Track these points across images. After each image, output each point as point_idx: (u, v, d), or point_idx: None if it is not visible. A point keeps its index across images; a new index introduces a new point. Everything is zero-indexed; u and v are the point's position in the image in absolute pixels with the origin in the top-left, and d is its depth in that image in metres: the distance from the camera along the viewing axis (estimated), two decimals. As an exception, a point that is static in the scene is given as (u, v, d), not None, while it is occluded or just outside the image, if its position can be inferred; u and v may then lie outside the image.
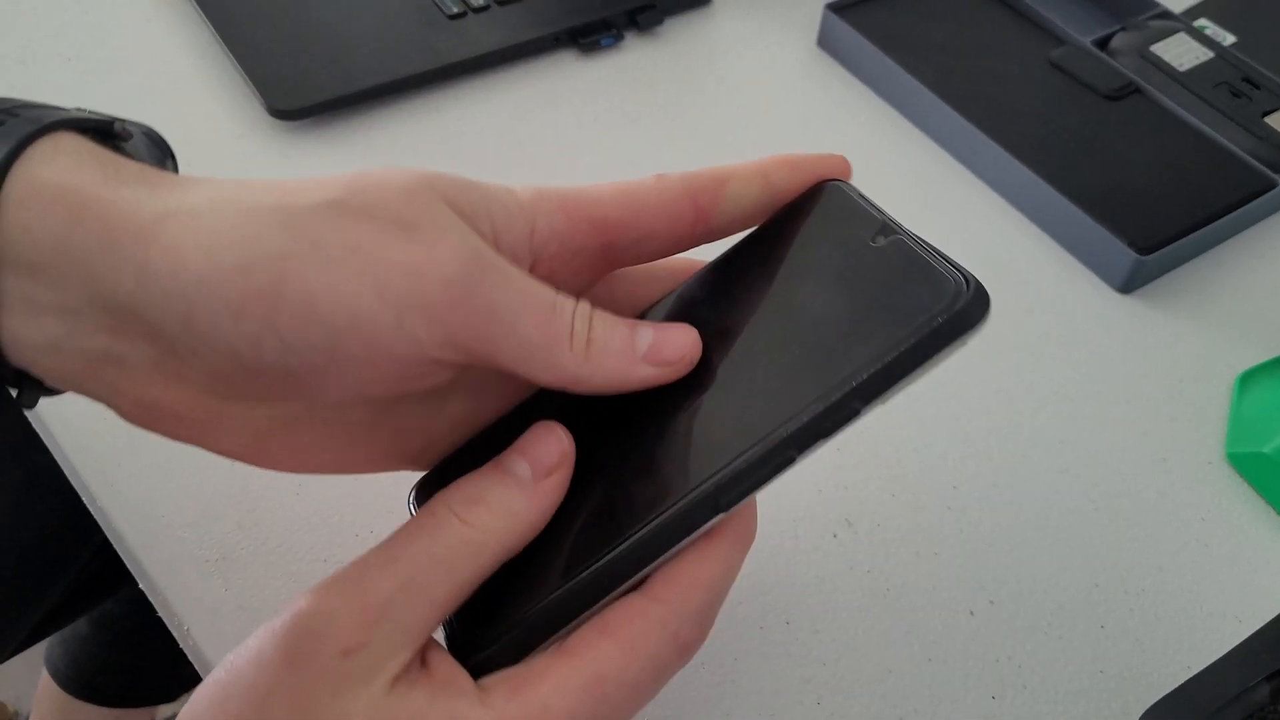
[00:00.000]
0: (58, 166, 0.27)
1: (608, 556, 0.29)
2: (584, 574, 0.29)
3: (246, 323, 0.27)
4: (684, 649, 0.29)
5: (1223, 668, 0.34)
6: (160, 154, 0.34)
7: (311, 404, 0.31)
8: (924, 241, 0.30)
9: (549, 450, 0.30)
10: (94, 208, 0.27)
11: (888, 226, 0.30)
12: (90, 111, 0.31)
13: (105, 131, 0.30)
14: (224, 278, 0.27)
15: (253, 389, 0.29)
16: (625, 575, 0.29)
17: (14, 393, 0.31)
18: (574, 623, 0.29)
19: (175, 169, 0.35)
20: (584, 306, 0.30)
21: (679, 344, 0.31)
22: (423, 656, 0.29)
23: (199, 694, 0.28)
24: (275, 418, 0.30)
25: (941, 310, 0.28)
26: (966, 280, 0.28)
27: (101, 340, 0.28)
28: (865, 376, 0.27)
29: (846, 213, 0.31)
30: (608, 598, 0.29)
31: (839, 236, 0.31)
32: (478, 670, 0.29)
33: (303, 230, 0.27)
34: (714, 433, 0.29)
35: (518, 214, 0.31)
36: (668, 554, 0.29)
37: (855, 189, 0.32)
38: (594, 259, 0.32)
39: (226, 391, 0.29)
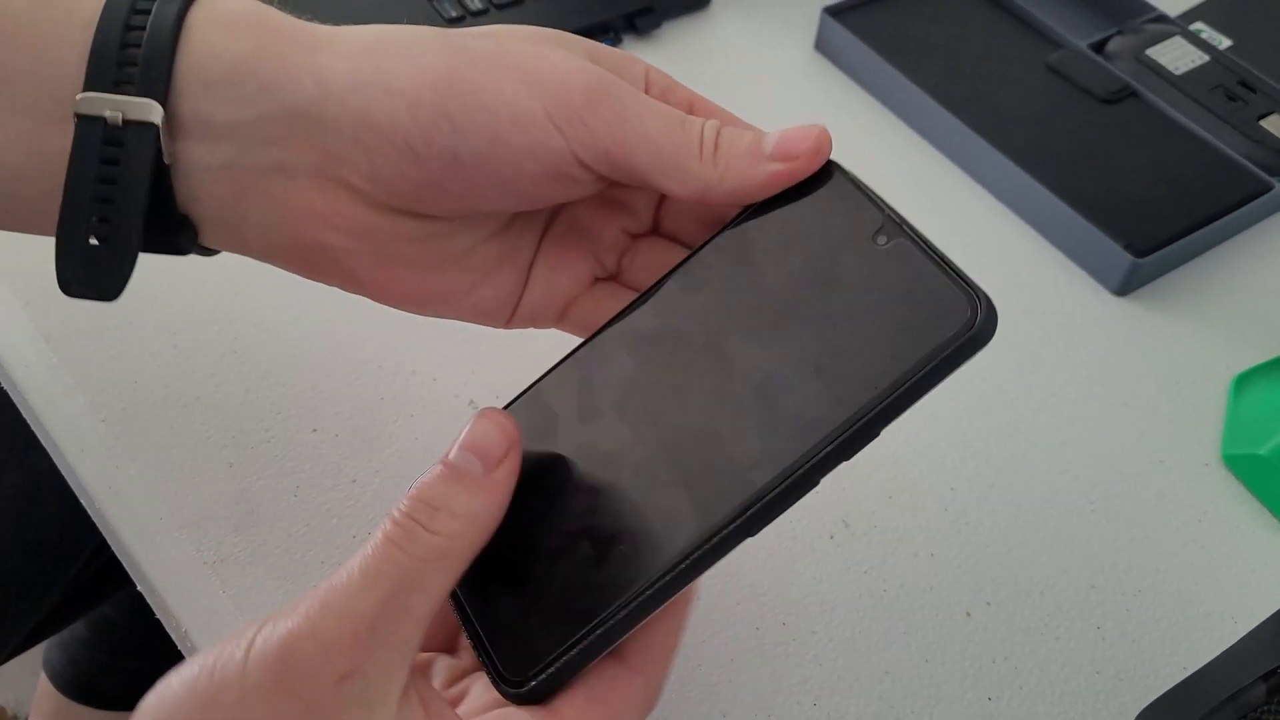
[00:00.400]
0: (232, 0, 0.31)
1: (647, 593, 0.29)
2: (622, 611, 0.29)
3: (422, 110, 0.30)
4: (648, 711, 0.30)
5: (1218, 668, 0.34)
6: None
7: (465, 208, 0.33)
8: (925, 241, 0.30)
9: (494, 441, 0.30)
10: (271, 26, 0.31)
11: (890, 223, 0.30)
12: None
13: None
14: (399, 73, 0.30)
15: (414, 189, 0.31)
16: (657, 607, 0.29)
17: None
18: (603, 655, 0.30)
19: None
20: (712, 121, 0.33)
21: (806, 136, 0.33)
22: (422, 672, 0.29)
23: (169, 695, 0.27)
24: (415, 236, 0.33)
25: (957, 333, 0.28)
26: (978, 297, 0.29)
27: (272, 153, 0.31)
28: (886, 403, 0.28)
29: (847, 204, 0.31)
30: (641, 625, 0.29)
31: (842, 232, 0.31)
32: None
33: (463, 42, 0.31)
34: (736, 457, 0.29)
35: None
36: (696, 579, 0.29)
37: (851, 174, 0.32)
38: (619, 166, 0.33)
39: (384, 195, 0.32)
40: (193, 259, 0.36)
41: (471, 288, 0.35)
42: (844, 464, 0.29)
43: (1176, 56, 0.63)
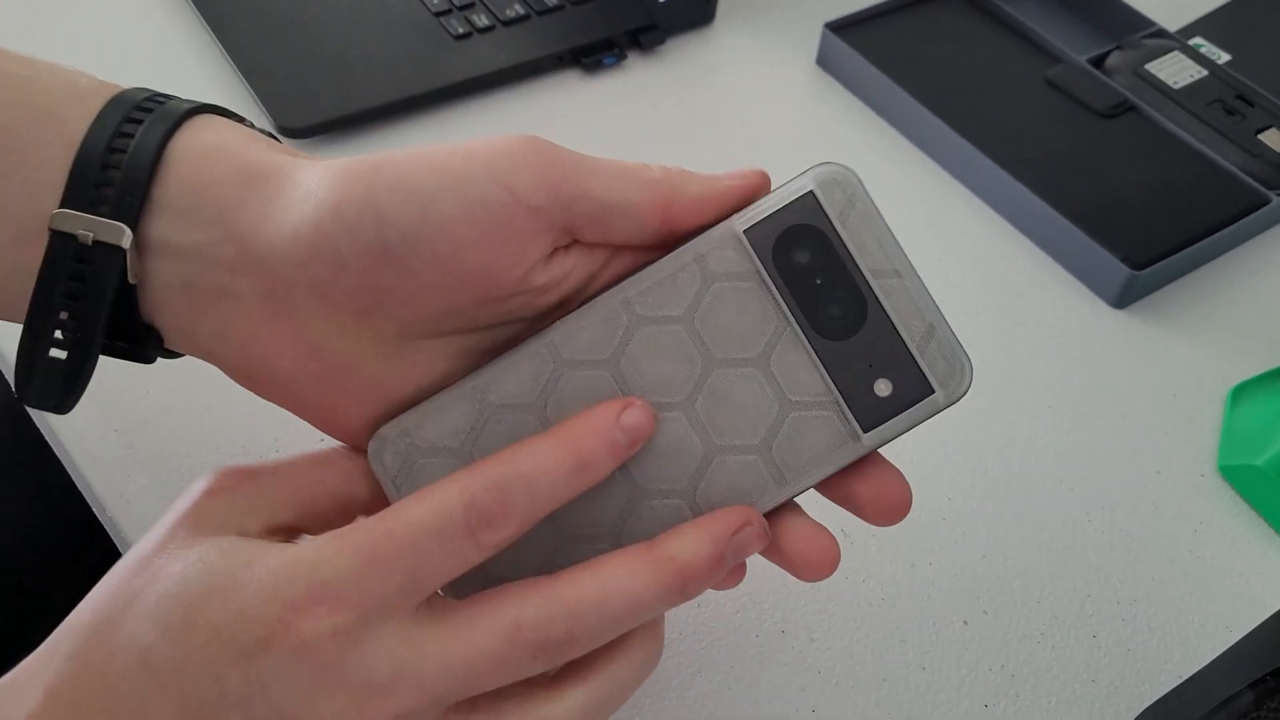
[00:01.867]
0: (212, 132, 0.33)
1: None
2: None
3: (346, 208, 0.30)
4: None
5: (1209, 675, 0.34)
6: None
7: (409, 314, 0.32)
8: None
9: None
10: (236, 157, 0.32)
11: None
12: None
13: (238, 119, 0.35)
14: (326, 182, 0.31)
15: (352, 298, 0.31)
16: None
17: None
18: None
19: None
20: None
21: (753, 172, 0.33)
22: None
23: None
24: (363, 365, 0.32)
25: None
26: (956, 356, 0.30)
27: (222, 276, 0.32)
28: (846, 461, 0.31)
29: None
30: None
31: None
32: None
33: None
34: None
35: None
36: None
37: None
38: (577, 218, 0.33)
39: (328, 313, 0.31)
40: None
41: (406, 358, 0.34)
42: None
43: (1175, 71, 0.64)
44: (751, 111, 0.63)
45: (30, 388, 0.33)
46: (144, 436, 0.44)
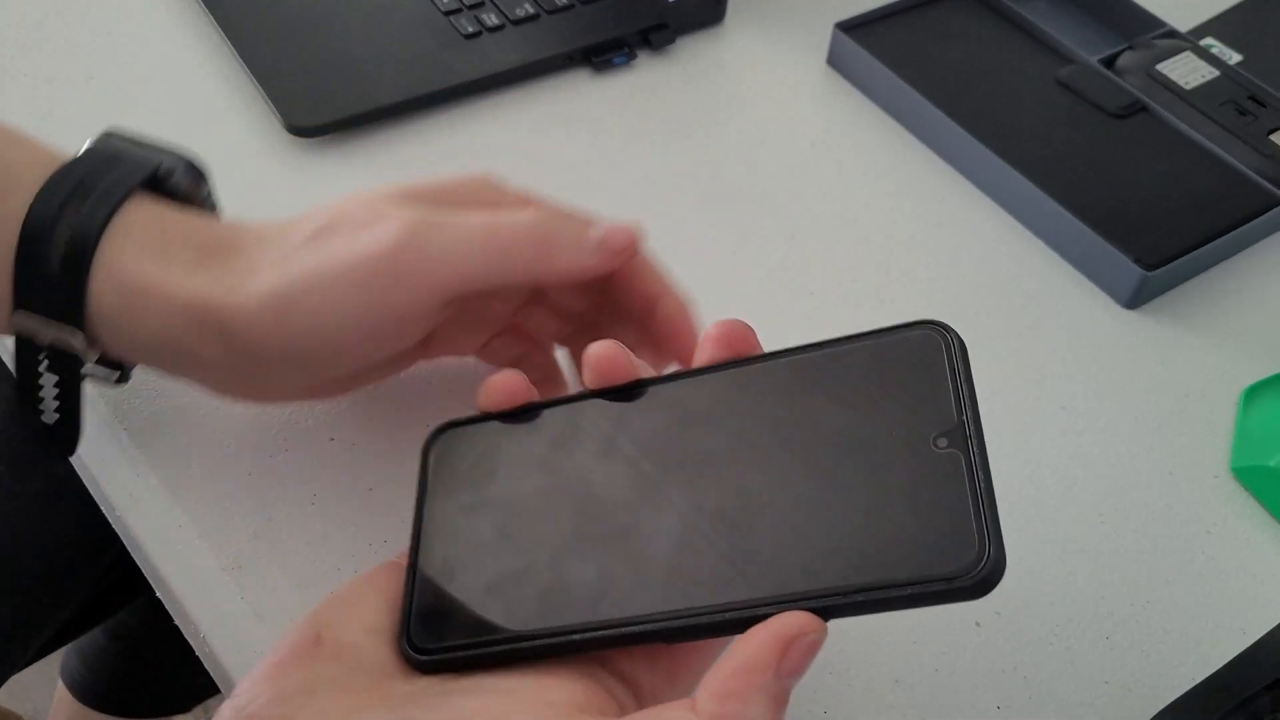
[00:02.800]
0: (127, 257, 0.36)
1: (550, 640, 0.31)
2: (526, 644, 0.31)
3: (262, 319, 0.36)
4: None
5: (1225, 677, 0.34)
6: (197, 180, 0.40)
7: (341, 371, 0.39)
8: (980, 467, 0.29)
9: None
10: (150, 293, 0.36)
11: (957, 432, 0.29)
12: (132, 141, 0.40)
13: (154, 179, 0.39)
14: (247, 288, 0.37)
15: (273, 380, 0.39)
16: (557, 654, 0.31)
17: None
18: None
19: (209, 191, 0.41)
20: (527, 211, 0.38)
21: (624, 236, 0.38)
22: None
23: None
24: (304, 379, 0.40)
25: (948, 576, 0.27)
26: (988, 552, 0.27)
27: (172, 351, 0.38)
28: (845, 601, 0.28)
29: (932, 386, 0.30)
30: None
31: (910, 416, 0.30)
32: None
33: (298, 255, 0.37)
34: (687, 566, 0.30)
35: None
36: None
37: (960, 352, 0.31)
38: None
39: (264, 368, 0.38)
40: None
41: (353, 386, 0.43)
42: None
43: (1187, 71, 0.64)
44: (761, 111, 0.63)
45: (36, 443, 0.40)
46: (154, 436, 0.44)
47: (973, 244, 0.57)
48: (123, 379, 0.41)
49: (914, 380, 0.30)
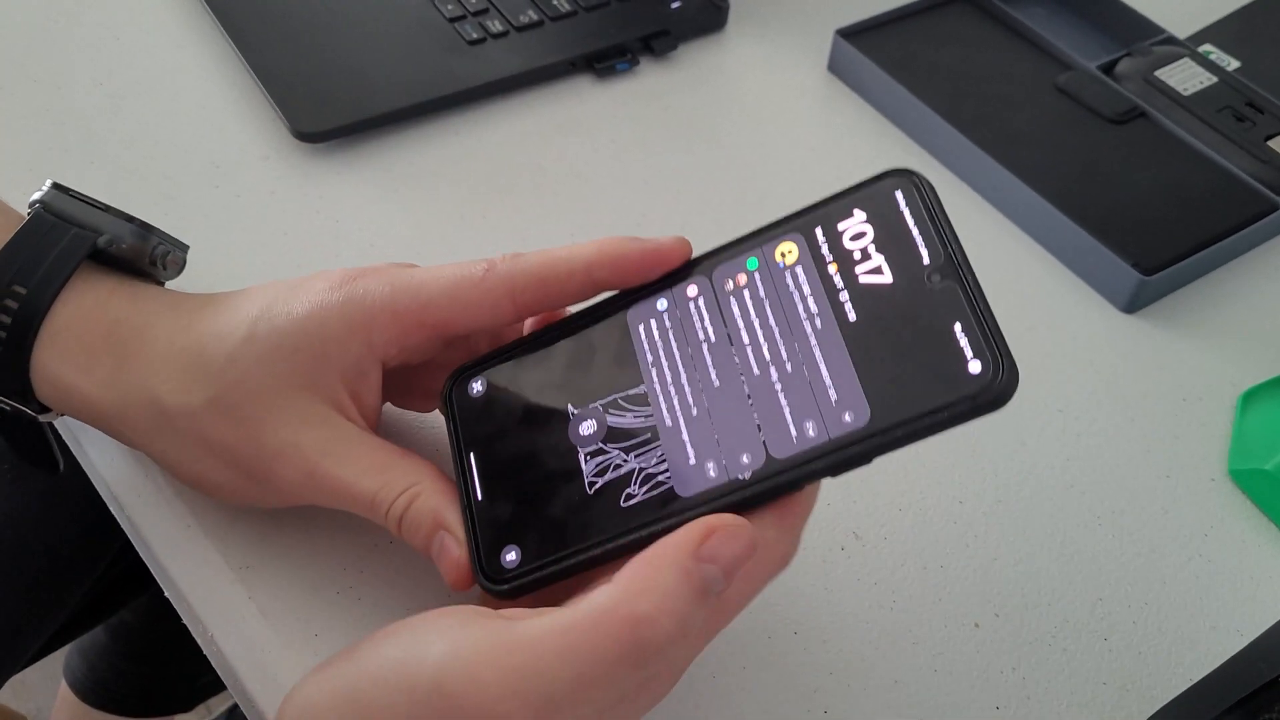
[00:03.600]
0: (54, 363, 0.38)
1: (620, 541, 0.33)
2: (597, 550, 0.33)
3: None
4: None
5: (1221, 677, 0.34)
6: (142, 239, 0.41)
7: None
8: (975, 291, 0.31)
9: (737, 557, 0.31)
10: (76, 395, 0.38)
11: (948, 265, 0.31)
12: (78, 201, 0.40)
13: (99, 253, 0.39)
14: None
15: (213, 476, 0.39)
16: (625, 555, 0.32)
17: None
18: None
19: (158, 243, 0.41)
20: (401, 501, 0.36)
21: (452, 559, 0.35)
22: None
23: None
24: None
25: (970, 394, 0.29)
26: (1001, 365, 0.29)
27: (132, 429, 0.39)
28: (884, 438, 0.30)
29: (915, 227, 0.32)
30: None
31: (900, 256, 0.32)
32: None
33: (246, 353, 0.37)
34: (735, 442, 0.32)
35: (354, 349, 0.37)
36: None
37: (931, 192, 0.33)
38: (433, 343, 0.38)
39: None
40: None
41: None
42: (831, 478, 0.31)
43: (1185, 78, 0.64)
44: (763, 116, 0.64)
45: (25, 459, 0.43)
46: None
47: (972, 248, 0.57)
48: None
49: (893, 227, 0.33)
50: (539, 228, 0.56)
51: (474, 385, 0.38)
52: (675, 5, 0.67)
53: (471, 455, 0.37)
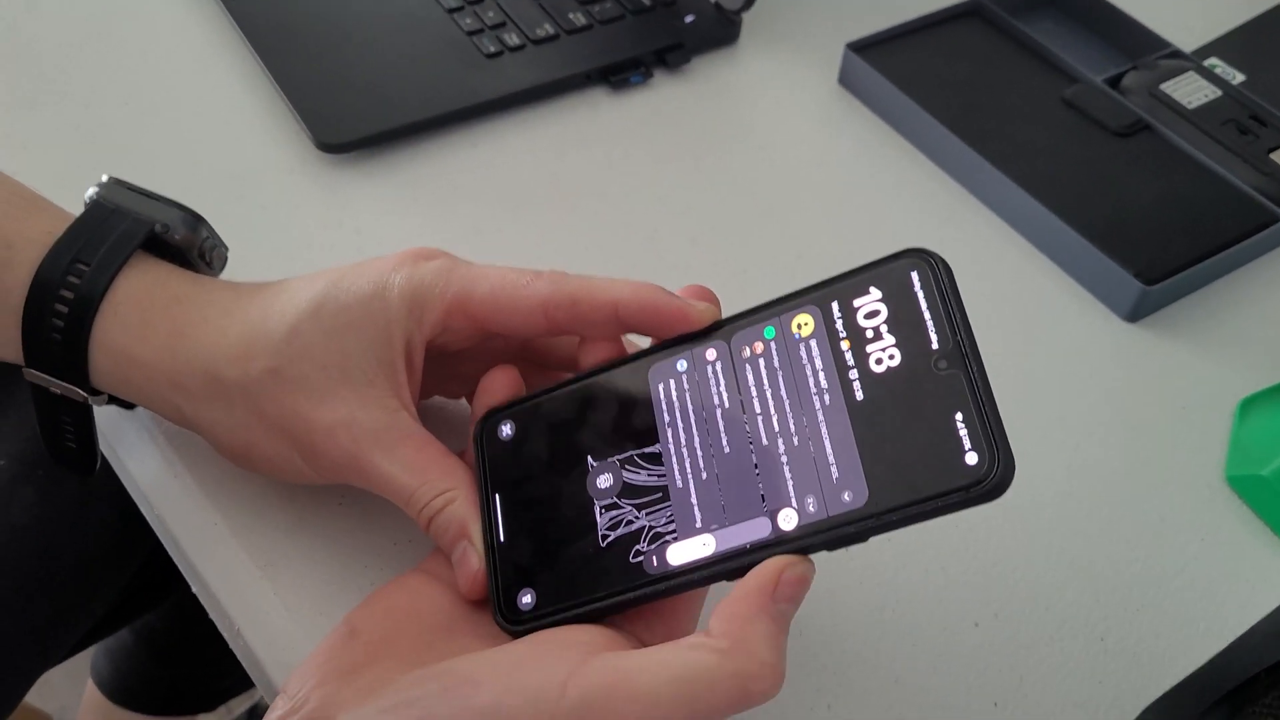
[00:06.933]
0: (115, 334, 0.39)
1: (632, 594, 0.35)
2: (608, 601, 0.35)
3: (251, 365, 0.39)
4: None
5: (1215, 667, 0.35)
6: (194, 229, 0.42)
7: None
8: (979, 382, 0.31)
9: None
10: (136, 366, 0.40)
11: (955, 353, 0.32)
12: (133, 192, 0.42)
13: (154, 239, 0.41)
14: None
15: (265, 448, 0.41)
16: (636, 605, 0.35)
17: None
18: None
19: (208, 234, 0.43)
20: (436, 503, 0.38)
21: (470, 571, 0.37)
22: None
23: None
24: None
25: (964, 486, 0.30)
26: (997, 460, 0.30)
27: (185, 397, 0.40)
28: (878, 521, 0.31)
29: (927, 310, 0.33)
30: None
31: (910, 339, 0.33)
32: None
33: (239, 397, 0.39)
34: (737, 507, 0.34)
35: (410, 328, 0.39)
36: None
37: (946, 275, 0.33)
38: (474, 334, 0.41)
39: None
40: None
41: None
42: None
43: (1190, 91, 0.65)
44: (774, 129, 0.65)
45: (64, 463, 0.45)
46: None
47: (978, 258, 0.59)
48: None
49: (907, 309, 0.33)
50: (555, 237, 0.57)
51: (503, 429, 0.39)
52: (688, 19, 0.68)
53: (497, 497, 0.38)
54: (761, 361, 0.35)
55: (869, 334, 0.33)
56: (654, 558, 0.35)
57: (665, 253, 0.57)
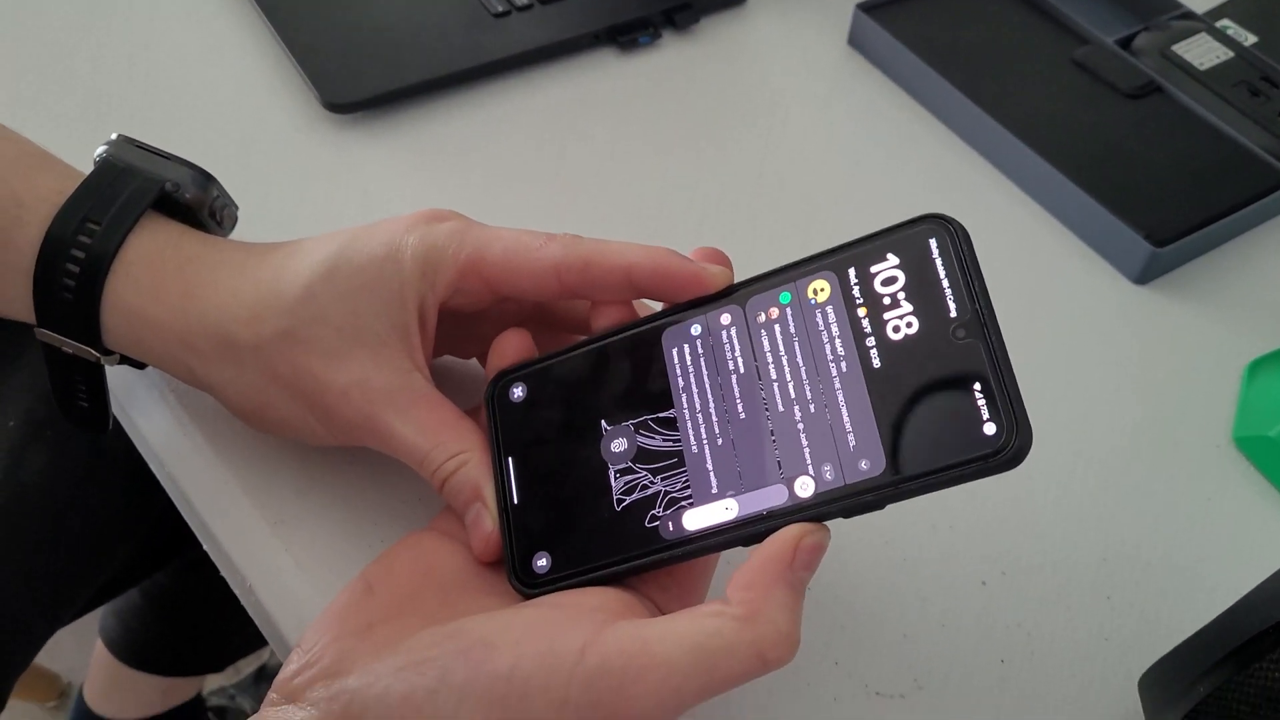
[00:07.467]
0: (127, 293, 0.39)
1: (648, 558, 0.35)
2: (624, 565, 0.35)
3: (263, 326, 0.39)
4: None
5: (1219, 627, 0.36)
6: (204, 188, 0.42)
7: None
8: (998, 351, 0.31)
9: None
10: (149, 325, 0.39)
11: (974, 322, 0.32)
12: (142, 150, 0.42)
13: (165, 198, 0.41)
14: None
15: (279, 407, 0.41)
16: (652, 569, 0.35)
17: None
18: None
19: (219, 193, 0.43)
20: (449, 465, 0.38)
21: (483, 533, 0.37)
22: None
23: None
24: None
25: (983, 455, 0.31)
26: (1015, 427, 0.30)
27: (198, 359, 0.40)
28: (895, 489, 0.31)
29: (945, 278, 0.33)
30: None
31: (928, 307, 0.33)
32: None
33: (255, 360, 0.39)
34: (753, 474, 0.34)
35: (423, 290, 0.39)
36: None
37: (965, 242, 0.33)
38: (486, 296, 0.40)
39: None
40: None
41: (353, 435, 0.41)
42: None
43: (1202, 52, 0.65)
44: (783, 90, 0.65)
45: (75, 420, 0.45)
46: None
47: (988, 220, 0.59)
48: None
49: (925, 276, 0.33)
50: (563, 198, 0.57)
51: (515, 390, 0.39)
52: (697, -21, 0.68)
53: (510, 459, 0.38)
54: (777, 327, 0.35)
55: (886, 301, 0.33)
56: (669, 523, 0.35)
57: (674, 214, 0.57)
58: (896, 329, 0.33)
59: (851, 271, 0.34)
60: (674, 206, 0.58)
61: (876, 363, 0.33)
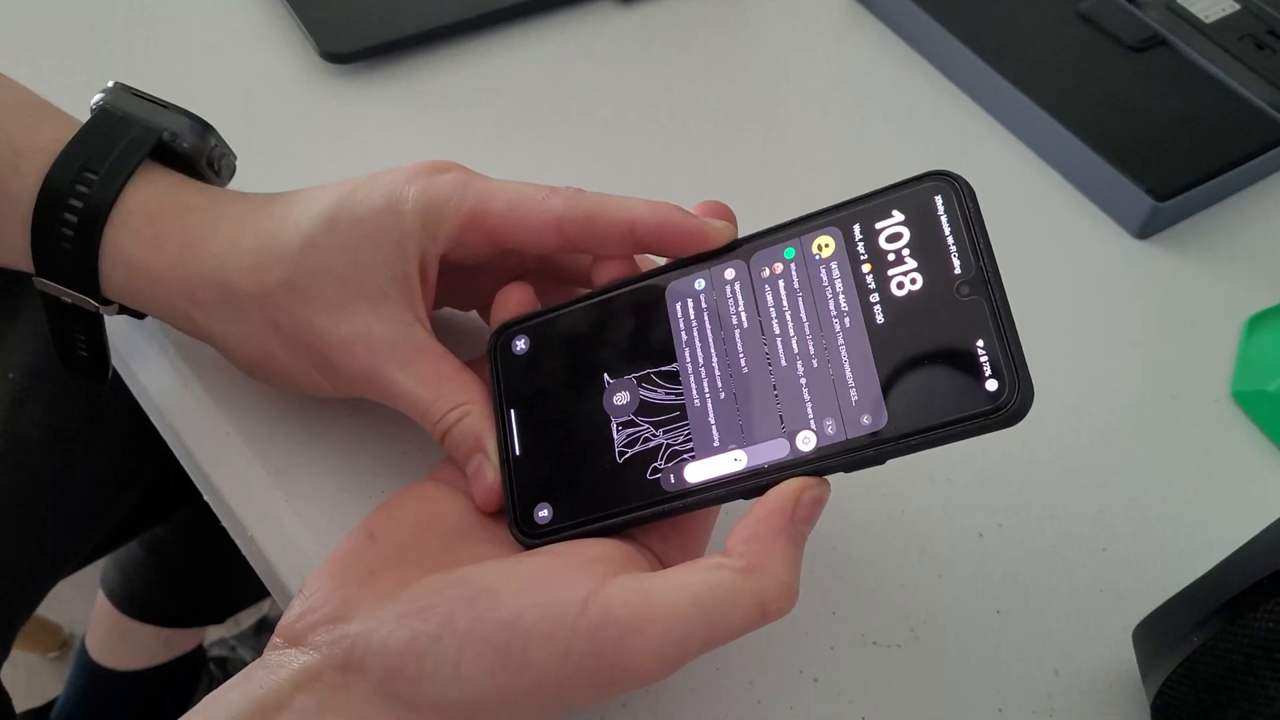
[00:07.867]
0: (125, 243, 0.39)
1: (651, 510, 0.35)
2: (626, 516, 0.35)
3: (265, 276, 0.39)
4: None
5: (1211, 580, 0.36)
6: (202, 137, 0.42)
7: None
8: (1001, 308, 0.32)
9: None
10: (147, 275, 0.39)
11: (978, 279, 0.32)
12: (140, 99, 0.41)
13: (162, 147, 0.41)
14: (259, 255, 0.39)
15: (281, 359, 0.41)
16: (657, 520, 0.35)
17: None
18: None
19: (217, 142, 0.43)
20: (451, 416, 0.38)
21: (485, 484, 0.38)
22: None
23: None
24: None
25: (984, 411, 0.31)
26: (1017, 384, 0.30)
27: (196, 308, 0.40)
28: (897, 445, 0.32)
29: (950, 235, 0.33)
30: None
31: (933, 263, 0.33)
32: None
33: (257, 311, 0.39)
34: (758, 429, 0.34)
35: (424, 241, 0.39)
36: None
37: (971, 199, 0.33)
38: (488, 249, 0.40)
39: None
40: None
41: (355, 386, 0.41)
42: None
43: (1207, 5, 0.64)
44: (787, 43, 0.64)
45: (75, 369, 0.45)
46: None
47: (991, 174, 0.58)
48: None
49: (930, 233, 0.33)
50: (564, 150, 0.57)
51: (518, 343, 0.39)
52: (699, -71, 0.67)
53: (512, 411, 0.38)
54: (781, 282, 0.35)
55: (891, 257, 0.33)
56: (671, 475, 0.35)
57: (676, 167, 0.57)
58: (900, 285, 0.33)
59: (856, 227, 0.34)
60: (676, 159, 0.57)
61: (880, 319, 0.33)
